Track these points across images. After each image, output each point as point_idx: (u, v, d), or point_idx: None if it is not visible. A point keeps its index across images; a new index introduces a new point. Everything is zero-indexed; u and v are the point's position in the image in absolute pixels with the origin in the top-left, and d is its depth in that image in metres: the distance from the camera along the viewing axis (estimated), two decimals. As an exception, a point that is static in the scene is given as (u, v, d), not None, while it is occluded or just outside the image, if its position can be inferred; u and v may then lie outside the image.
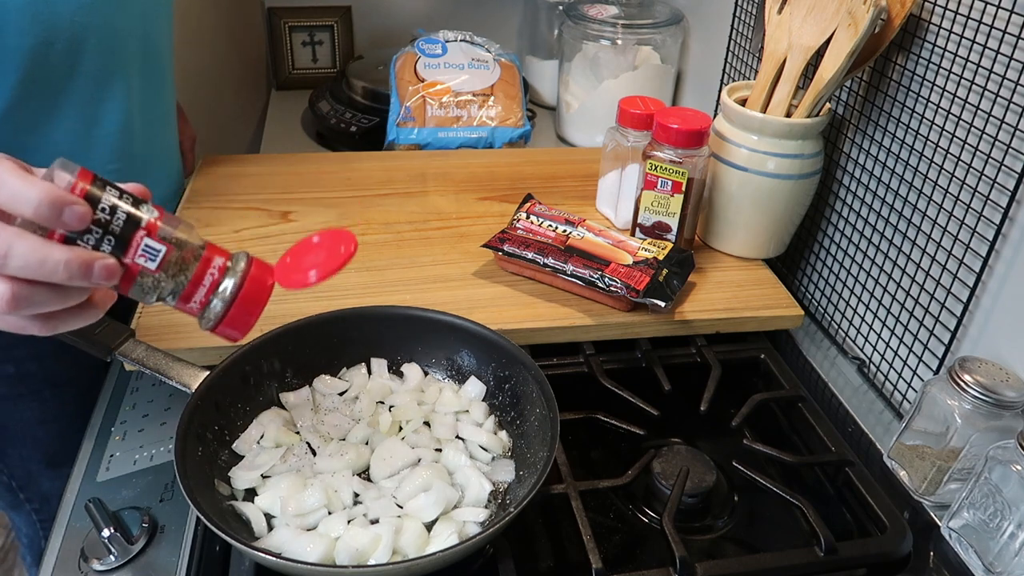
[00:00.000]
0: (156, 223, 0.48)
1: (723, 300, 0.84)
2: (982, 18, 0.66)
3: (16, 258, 0.44)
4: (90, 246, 0.46)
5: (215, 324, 0.52)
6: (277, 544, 0.56)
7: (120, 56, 0.79)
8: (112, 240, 0.47)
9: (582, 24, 1.24)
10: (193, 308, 0.51)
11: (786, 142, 0.82)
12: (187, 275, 0.50)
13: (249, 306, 0.52)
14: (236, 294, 0.51)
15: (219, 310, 0.51)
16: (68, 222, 0.45)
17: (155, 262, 0.48)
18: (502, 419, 0.69)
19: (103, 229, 0.46)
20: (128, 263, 0.48)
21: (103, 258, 0.46)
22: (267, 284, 0.53)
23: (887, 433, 0.76)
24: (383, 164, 1.10)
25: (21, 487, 0.98)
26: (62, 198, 0.44)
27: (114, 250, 0.47)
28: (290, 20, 1.46)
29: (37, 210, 0.44)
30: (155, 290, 0.50)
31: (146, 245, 0.48)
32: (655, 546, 0.66)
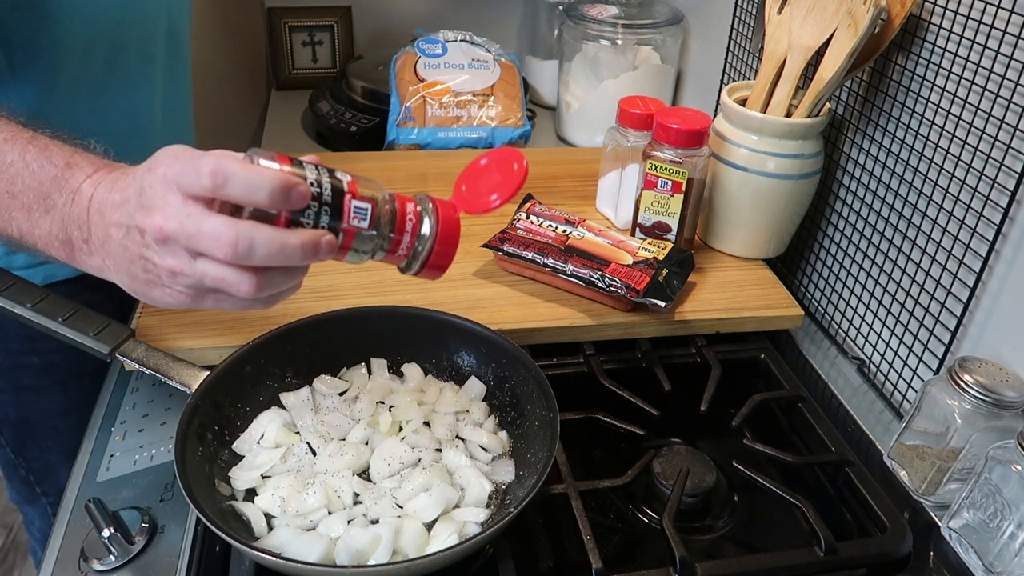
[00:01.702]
0: (355, 185, 0.51)
1: (723, 300, 0.84)
2: (982, 18, 0.66)
3: (260, 248, 0.47)
4: (311, 221, 0.49)
5: (421, 266, 0.55)
6: (277, 544, 0.56)
7: (148, 48, 0.81)
8: (328, 210, 0.49)
9: (582, 24, 1.24)
10: (400, 255, 0.54)
11: (786, 142, 0.82)
12: (391, 227, 0.53)
13: (448, 243, 0.55)
14: (436, 234, 0.54)
15: (425, 253, 0.54)
16: (295, 202, 0.47)
17: (366, 220, 0.51)
18: (502, 419, 0.69)
19: (318, 202, 0.49)
20: (344, 228, 0.50)
21: (325, 234, 0.49)
22: (457, 218, 0.55)
23: (887, 433, 0.76)
24: (383, 164, 1.10)
25: (39, 480, 0.98)
26: (289, 180, 0.47)
27: (331, 219, 0.50)
28: (290, 20, 1.46)
29: (272, 196, 0.46)
30: (369, 247, 0.52)
31: (356, 207, 0.50)
32: (655, 546, 0.66)
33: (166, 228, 0.47)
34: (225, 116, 1.55)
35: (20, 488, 0.99)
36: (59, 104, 0.74)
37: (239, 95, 1.59)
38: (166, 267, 0.49)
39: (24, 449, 0.95)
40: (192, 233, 0.47)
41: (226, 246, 0.46)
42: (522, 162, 0.56)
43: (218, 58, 1.51)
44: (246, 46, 1.55)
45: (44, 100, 0.73)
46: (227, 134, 1.58)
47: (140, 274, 0.51)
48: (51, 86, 0.73)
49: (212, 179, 0.46)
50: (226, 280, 0.48)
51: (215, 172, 0.46)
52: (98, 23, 0.73)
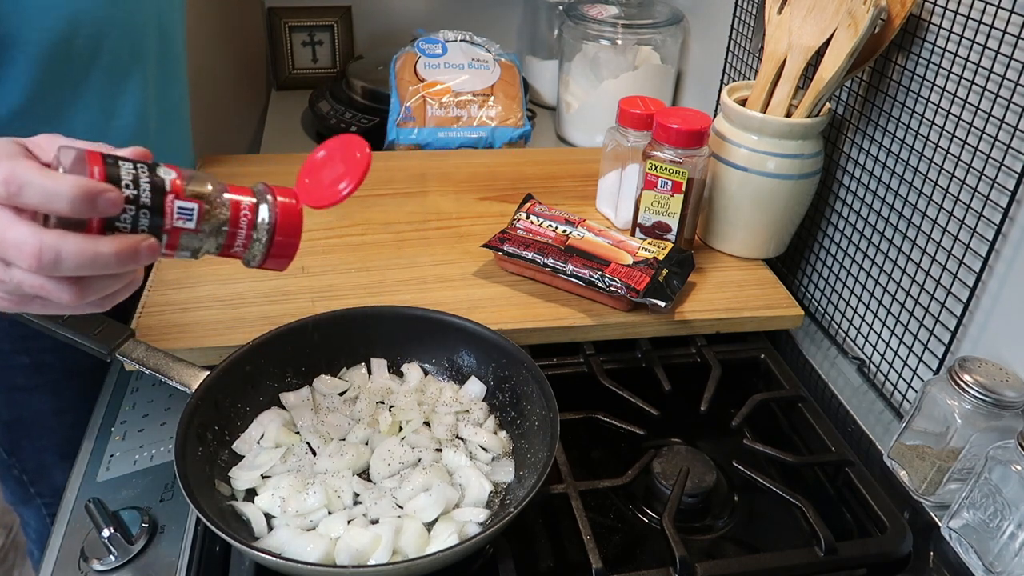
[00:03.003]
0: (178, 182, 0.48)
1: (723, 300, 0.84)
2: (982, 18, 0.66)
3: (68, 260, 0.44)
4: (128, 225, 0.46)
5: (262, 260, 0.52)
6: (277, 544, 0.56)
7: (138, 48, 0.80)
8: (147, 212, 0.47)
9: (582, 24, 1.24)
10: (238, 250, 0.52)
11: (786, 142, 0.82)
12: (224, 223, 0.50)
13: (289, 233, 0.52)
14: (274, 227, 0.51)
15: (263, 246, 0.52)
16: (104, 209, 0.44)
17: (192, 220, 0.48)
18: (502, 419, 0.69)
19: (135, 205, 0.46)
20: (168, 229, 0.48)
21: (144, 239, 0.46)
22: (297, 208, 0.53)
23: (887, 433, 0.76)
24: (383, 164, 1.10)
25: (33, 481, 0.98)
26: (93, 187, 0.44)
27: (152, 222, 0.47)
28: (290, 20, 1.46)
29: (72, 205, 0.43)
30: (199, 245, 0.50)
31: (179, 207, 0.48)
32: (655, 546, 0.66)
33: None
34: (225, 116, 1.55)
35: (15, 489, 0.99)
36: (43, 102, 0.74)
37: (239, 95, 1.59)
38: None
39: (17, 449, 0.95)
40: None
41: (30, 257, 0.44)
42: (364, 148, 0.53)
43: (218, 58, 1.51)
44: (246, 46, 1.55)
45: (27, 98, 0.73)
46: (227, 134, 1.58)
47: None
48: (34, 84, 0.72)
49: (5, 187, 0.43)
50: (44, 288, 0.46)
51: (8, 180, 0.43)
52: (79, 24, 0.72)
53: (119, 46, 0.77)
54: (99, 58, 0.76)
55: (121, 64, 0.78)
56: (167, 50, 0.86)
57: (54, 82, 0.74)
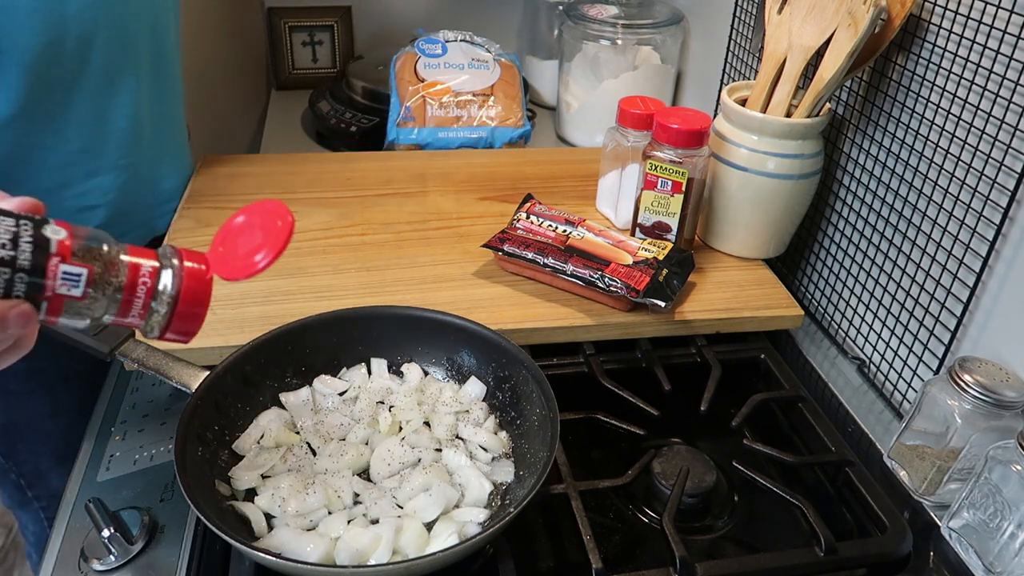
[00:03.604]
0: (67, 243, 0.42)
1: (723, 300, 0.84)
2: (982, 18, 0.66)
3: None
4: (0, 290, 0.40)
5: (161, 332, 0.47)
6: (277, 544, 0.56)
7: (129, 52, 0.80)
8: (24, 276, 0.41)
9: (582, 24, 1.24)
10: (133, 321, 0.46)
11: (786, 142, 0.82)
12: (118, 289, 0.44)
13: (193, 304, 0.47)
14: (177, 295, 0.46)
15: (162, 318, 0.46)
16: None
17: (79, 287, 0.42)
18: (502, 419, 0.69)
19: (10, 268, 0.40)
20: (49, 296, 0.42)
21: (14, 306, 0.40)
22: (205, 277, 0.48)
23: (887, 433, 0.76)
24: (383, 164, 1.10)
25: (30, 484, 0.98)
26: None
27: (29, 287, 0.41)
28: (290, 20, 1.46)
29: None
30: (87, 315, 0.44)
31: (64, 273, 0.42)
32: (655, 546, 0.66)
33: None
34: (225, 116, 1.55)
35: (12, 492, 0.99)
36: (36, 107, 0.74)
37: (239, 95, 1.59)
38: None
39: (14, 453, 0.94)
40: None
41: None
42: (287, 217, 0.48)
43: (218, 58, 1.51)
44: (246, 46, 1.55)
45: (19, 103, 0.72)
46: (227, 134, 1.58)
47: None
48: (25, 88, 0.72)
49: None
50: None
51: None
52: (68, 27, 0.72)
53: (110, 49, 0.77)
54: (90, 62, 0.75)
55: (113, 68, 0.78)
56: (160, 53, 0.85)
57: (45, 88, 0.73)
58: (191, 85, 0.99)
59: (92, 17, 0.73)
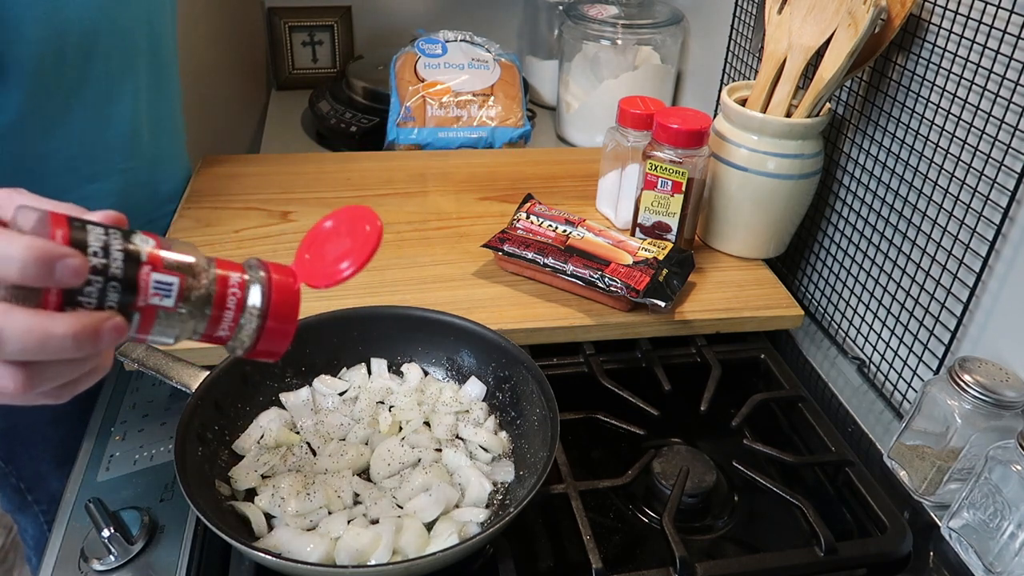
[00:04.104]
0: (157, 253, 0.41)
1: (723, 300, 0.84)
2: (982, 18, 0.66)
3: (12, 342, 0.37)
4: (93, 300, 0.39)
5: (250, 348, 0.46)
6: (277, 544, 0.56)
7: (128, 56, 0.80)
8: (117, 286, 0.39)
9: (582, 24, 1.24)
10: (222, 336, 0.45)
11: (786, 142, 0.82)
12: (207, 302, 0.43)
13: (283, 320, 0.45)
14: (266, 310, 0.44)
15: (251, 333, 0.45)
16: (63, 279, 0.37)
17: (171, 298, 0.41)
18: (502, 419, 0.69)
19: (103, 276, 0.39)
20: (141, 307, 0.41)
21: (109, 317, 0.39)
22: (295, 289, 0.46)
23: (887, 433, 0.76)
24: (383, 164, 1.10)
25: (29, 488, 0.97)
26: (51, 251, 0.37)
27: (122, 297, 0.40)
28: (290, 20, 1.46)
29: (24, 271, 0.36)
30: (177, 328, 0.43)
31: (156, 281, 0.41)
32: (655, 546, 0.66)
33: None
34: (225, 116, 1.55)
35: (12, 497, 0.99)
36: (35, 114, 0.74)
37: (239, 95, 1.59)
38: None
39: (14, 457, 0.94)
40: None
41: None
42: (375, 222, 0.48)
43: (218, 58, 1.51)
44: (246, 46, 1.55)
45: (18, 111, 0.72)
46: (227, 134, 1.58)
47: None
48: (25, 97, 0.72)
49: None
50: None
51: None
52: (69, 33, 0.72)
53: (110, 53, 0.77)
54: (90, 67, 0.75)
55: (113, 72, 0.78)
56: (158, 55, 0.85)
57: (47, 94, 0.73)
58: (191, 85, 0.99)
59: (93, 24, 0.73)
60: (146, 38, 0.82)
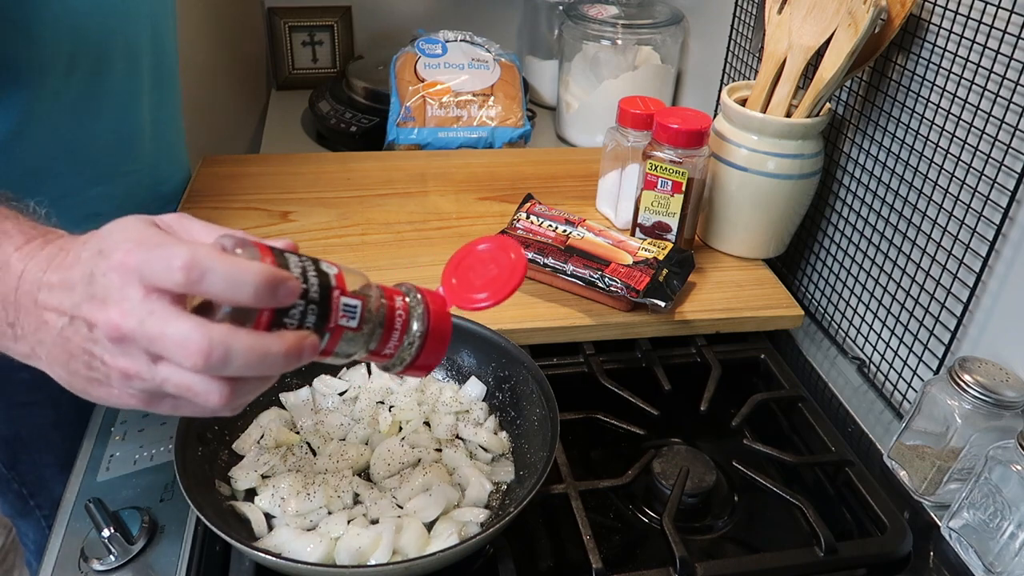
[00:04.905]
0: (342, 278, 0.45)
1: (723, 300, 0.84)
2: (982, 18, 0.66)
3: (237, 359, 0.40)
4: (295, 322, 0.42)
5: (408, 366, 0.49)
6: (277, 544, 0.56)
7: (134, 59, 0.80)
8: (315, 308, 0.43)
9: (582, 24, 1.24)
10: (387, 355, 0.48)
11: (786, 142, 0.82)
12: (379, 324, 0.47)
13: (440, 341, 0.49)
14: (426, 333, 0.49)
15: (414, 352, 0.49)
16: (283, 299, 0.41)
17: (356, 319, 0.45)
18: (502, 419, 0.69)
19: (304, 299, 0.42)
20: (331, 328, 0.44)
21: (308, 336, 0.42)
22: (448, 314, 0.50)
23: (887, 433, 0.76)
24: (383, 164, 1.10)
25: (32, 493, 0.97)
26: (277, 276, 0.40)
27: (318, 318, 0.43)
28: (290, 20, 1.46)
29: (258, 294, 0.40)
30: (355, 348, 0.46)
31: (345, 305, 0.44)
32: (655, 546, 0.66)
33: (124, 327, 0.40)
34: (225, 116, 1.55)
35: (13, 502, 0.98)
36: (42, 120, 0.74)
37: (239, 95, 1.59)
38: (119, 369, 0.42)
39: (17, 463, 0.94)
40: (155, 336, 0.40)
41: (196, 355, 0.39)
42: (519, 251, 0.51)
43: (218, 58, 1.51)
44: (246, 46, 1.55)
45: (26, 117, 0.72)
46: (227, 134, 1.58)
47: (82, 370, 0.43)
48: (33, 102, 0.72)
49: (186, 274, 0.39)
50: (192, 390, 0.41)
51: (190, 266, 0.39)
52: (81, 37, 0.72)
53: (118, 58, 0.77)
54: (99, 70, 0.76)
55: (119, 75, 0.78)
56: (160, 57, 0.85)
57: (56, 97, 0.74)
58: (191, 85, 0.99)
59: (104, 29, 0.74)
60: (150, 41, 0.82)
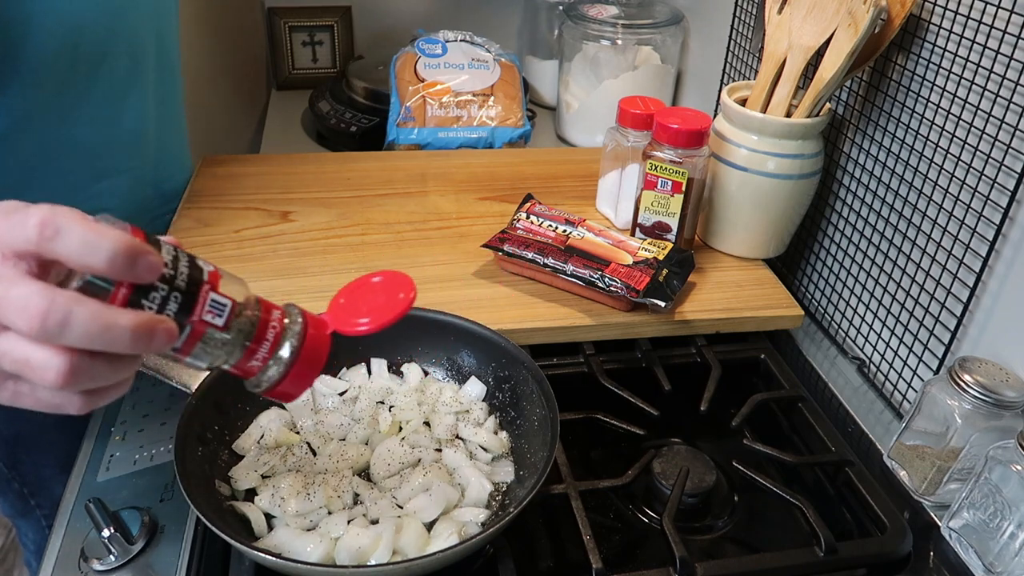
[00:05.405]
0: (216, 273, 0.44)
1: (723, 300, 0.84)
2: (982, 18, 0.66)
3: (78, 326, 0.38)
4: (154, 306, 0.41)
5: (273, 386, 0.47)
6: (277, 544, 0.56)
7: (137, 56, 0.80)
8: (179, 297, 0.41)
9: (582, 24, 1.24)
10: (252, 368, 0.46)
11: (786, 142, 0.82)
12: (249, 334, 0.45)
13: (311, 365, 0.48)
14: (297, 354, 0.47)
15: (281, 371, 0.47)
16: (142, 273, 0.39)
17: (222, 317, 0.43)
18: (502, 419, 0.69)
19: (168, 285, 0.41)
20: (194, 321, 0.42)
21: (164, 322, 0.41)
22: (326, 338, 0.49)
23: (887, 433, 0.76)
24: (383, 164, 1.10)
25: (32, 493, 0.97)
26: (137, 246, 0.39)
27: (180, 310, 0.42)
28: (290, 20, 1.46)
29: (112, 261, 0.38)
30: (218, 352, 0.45)
31: (213, 301, 0.43)
32: (655, 546, 0.66)
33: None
34: (225, 116, 1.55)
35: (14, 502, 0.98)
36: (45, 115, 0.74)
37: (239, 95, 1.59)
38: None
39: (17, 463, 0.94)
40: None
41: (34, 316, 0.37)
42: (409, 292, 0.50)
43: (218, 58, 1.51)
44: (246, 46, 1.55)
45: (28, 111, 0.72)
46: (227, 134, 1.58)
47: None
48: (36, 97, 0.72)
49: (39, 230, 0.37)
50: (28, 363, 0.38)
51: (44, 223, 0.38)
52: (83, 34, 0.72)
53: (120, 54, 0.77)
54: (101, 67, 0.76)
55: (122, 72, 0.78)
56: (164, 55, 0.85)
57: (58, 93, 0.74)
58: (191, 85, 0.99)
59: (105, 25, 0.74)
60: (153, 38, 0.82)
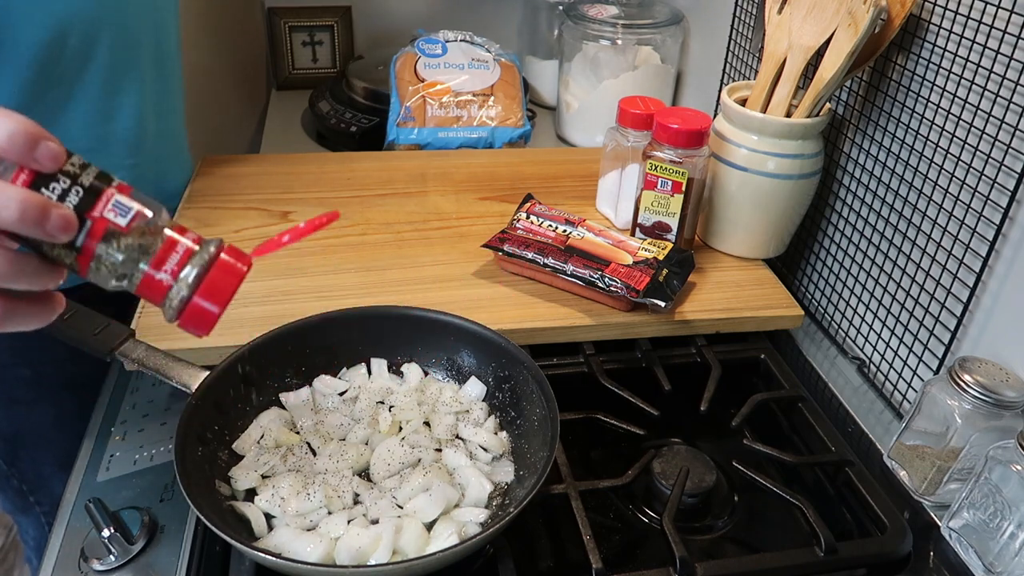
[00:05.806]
0: (127, 187, 0.44)
1: (723, 300, 0.84)
2: (982, 18, 0.66)
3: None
4: (54, 196, 0.42)
5: (178, 312, 0.46)
6: (277, 544, 0.56)
7: (133, 50, 0.80)
8: (80, 191, 0.42)
9: (582, 24, 1.24)
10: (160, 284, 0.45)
11: (786, 142, 0.82)
12: (153, 244, 0.45)
13: (213, 293, 0.46)
14: (201, 275, 0.45)
15: (185, 294, 0.45)
16: (41, 158, 0.41)
17: (125, 219, 0.43)
18: (502, 419, 0.69)
19: (71, 179, 0.42)
20: (95, 217, 0.42)
21: (59, 207, 0.41)
22: (238, 271, 0.47)
23: (887, 433, 0.76)
24: (383, 164, 1.10)
25: (32, 490, 0.97)
26: (39, 132, 0.40)
27: (81, 202, 0.42)
28: (290, 20, 1.46)
29: (11, 140, 0.40)
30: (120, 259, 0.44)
31: (117, 201, 0.43)
32: (655, 546, 0.66)
33: None
34: (225, 116, 1.55)
35: (13, 499, 0.98)
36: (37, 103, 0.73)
37: (239, 95, 1.59)
38: None
39: (17, 460, 0.94)
40: None
41: None
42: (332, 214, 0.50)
43: (218, 58, 1.51)
44: (246, 46, 1.55)
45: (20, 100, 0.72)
46: (227, 134, 1.58)
47: None
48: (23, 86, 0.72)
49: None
50: None
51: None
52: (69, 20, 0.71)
53: (113, 47, 0.77)
54: (93, 59, 0.75)
55: (116, 66, 0.78)
56: (162, 51, 0.85)
57: (48, 84, 0.73)
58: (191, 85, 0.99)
59: (94, 14, 0.73)
60: (151, 33, 0.82)
